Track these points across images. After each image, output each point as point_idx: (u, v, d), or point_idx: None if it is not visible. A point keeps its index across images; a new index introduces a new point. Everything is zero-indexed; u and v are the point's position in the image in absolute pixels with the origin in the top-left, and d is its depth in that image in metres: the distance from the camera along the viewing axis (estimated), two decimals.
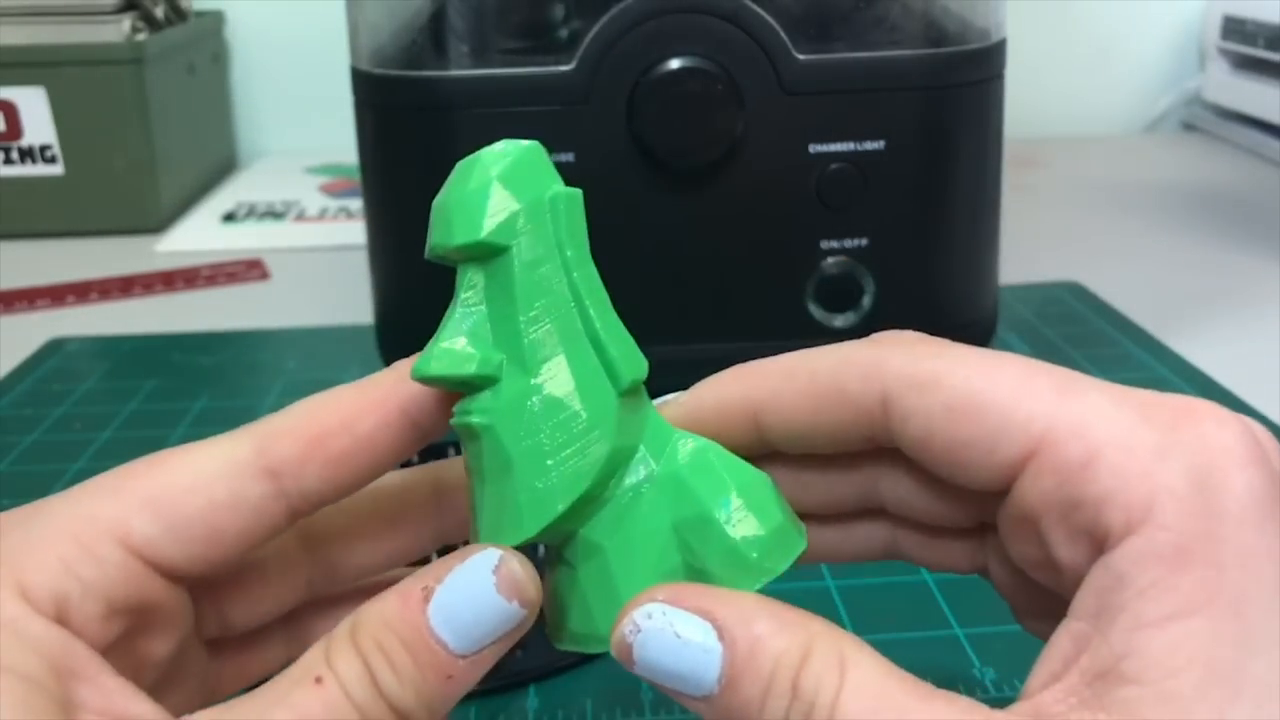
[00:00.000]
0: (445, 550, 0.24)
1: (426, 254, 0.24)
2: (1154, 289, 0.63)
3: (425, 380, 0.23)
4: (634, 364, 0.23)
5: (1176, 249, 0.70)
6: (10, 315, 0.65)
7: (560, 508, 0.22)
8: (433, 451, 0.46)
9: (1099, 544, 0.20)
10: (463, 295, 0.23)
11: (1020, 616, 0.25)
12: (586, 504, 0.23)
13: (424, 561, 0.23)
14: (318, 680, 0.20)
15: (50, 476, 0.46)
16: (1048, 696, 0.20)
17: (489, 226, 0.23)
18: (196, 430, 0.49)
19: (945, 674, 0.33)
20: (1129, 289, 0.62)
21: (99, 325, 0.63)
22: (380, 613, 0.21)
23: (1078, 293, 0.62)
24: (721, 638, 0.20)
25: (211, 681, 0.26)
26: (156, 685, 0.23)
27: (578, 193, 0.24)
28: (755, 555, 0.23)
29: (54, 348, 0.60)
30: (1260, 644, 0.18)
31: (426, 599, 0.21)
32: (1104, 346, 0.55)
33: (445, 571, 0.21)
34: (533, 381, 0.23)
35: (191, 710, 0.23)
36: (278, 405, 0.53)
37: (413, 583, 0.21)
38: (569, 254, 0.23)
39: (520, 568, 0.21)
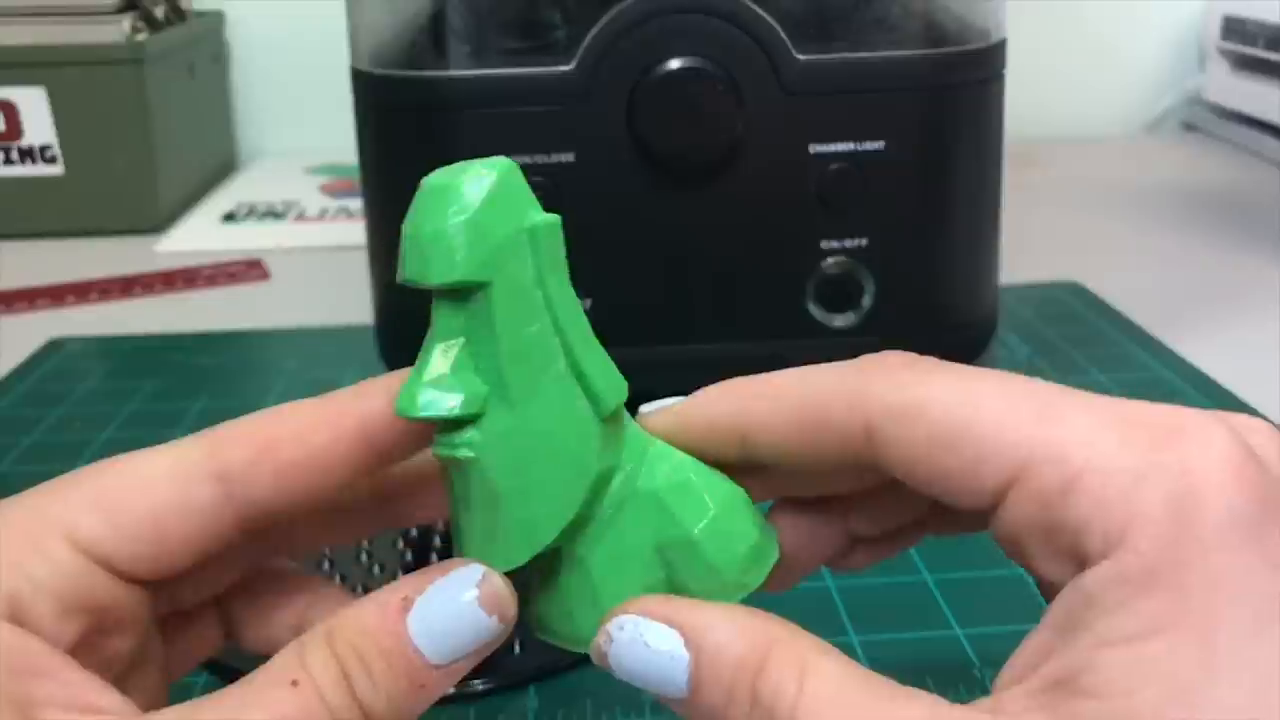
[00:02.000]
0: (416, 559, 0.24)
1: (399, 280, 0.23)
2: (1154, 289, 0.63)
3: (410, 419, 0.23)
4: (615, 389, 0.23)
5: (1176, 249, 0.70)
6: (10, 315, 0.65)
7: (549, 537, 0.23)
8: None
9: (1080, 564, 0.20)
10: (440, 327, 0.23)
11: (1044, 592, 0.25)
12: (572, 527, 0.23)
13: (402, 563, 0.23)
14: (294, 683, 0.21)
15: (50, 477, 0.46)
16: (1007, 696, 0.20)
17: (469, 264, 0.22)
18: (196, 430, 0.49)
19: (945, 674, 0.33)
20: (1129, 289, 0.62)
21: (99, 325, 0.63)
22: (358, 620, 0.21)
23: (1078, 293, 0.62)
24: (688, 645, 0.22)
25: (165, 663, 0.26)
26: (121, 676, 0.24)
27: (556, 220, 0.23)
28: (734, 574, 0.24)
29: (54, 348, 0.60)
30: (1224, 668, 0.18)
31: (406, 609, 0.21)
32: (1104, 346, 0.55)
33: (426, 583, 0.22)
34: (517, 414, 0.22)
35: (157, 696, 0.23)
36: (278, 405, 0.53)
37: (391, 593, 0.22)
38: (549, 285, 0.23)
39: (502, 584, 0.22)
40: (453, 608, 0.22)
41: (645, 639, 0.22)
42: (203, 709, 0.21)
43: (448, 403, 0.22)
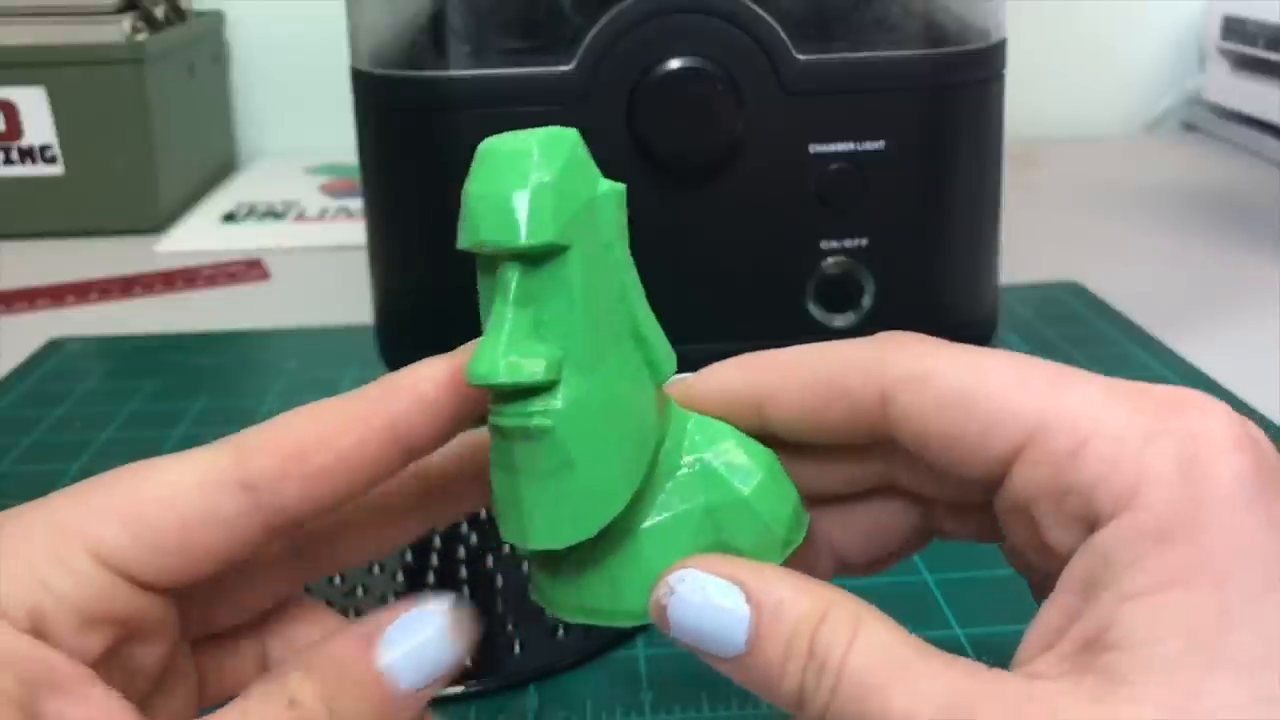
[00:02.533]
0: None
1: (464, 245, 0.23)
2: (1154, 289, 0.63)
3: (488, 385, 0.22)
4: (670, 358, 0.24)
5: (1176, 249, 0.70)
6: (10, 315, 0.65)
7: (620, 506, 0.23)
8: None
9: (1090, 528, 0.21)
10: (511, 293, 0.22)
11: (1036, 593, 0.25)
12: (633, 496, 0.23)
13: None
14: (291, 702, 0.21)
15: (50, 476, 0.46)
16: (1040, 664, 0.21)
17: (556, 227, 0.22)
18: (196, 430, 0.49)
19: None
20: (1129, 289, 0.62)
21: (99, 325, 0.63)
22: (334, 653, 0.22)
23: (1078, 293, 0.62)
24: (749, 601, 0.22)
25: (198, 684, 0.25)
26: (149, 696, 0.23)
27: (623, 188, 0.24)
28: (783, 531, 0.24)
29: (54, 348, 0.60)
30: (1240, 617, 0.19)
31: (374, 639, 0.22)
32: (1104, 346, 0.55)
33: (396, 615, 0.22)
34: (591, 380, 0.22)
35: (187, 717, 0.23)
36: (278, 405, 0.53)
37: (364, 625, 0.22)
38: (618, 250, 0.23)
39: (466, 611, 0.23)
40: (422, 636, 0.22)
41: (708, 592, 0.22)
42: None
43: (532, 368, 0.22)
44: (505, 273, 0.22)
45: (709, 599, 0.22)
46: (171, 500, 0.22)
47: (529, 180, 0.22)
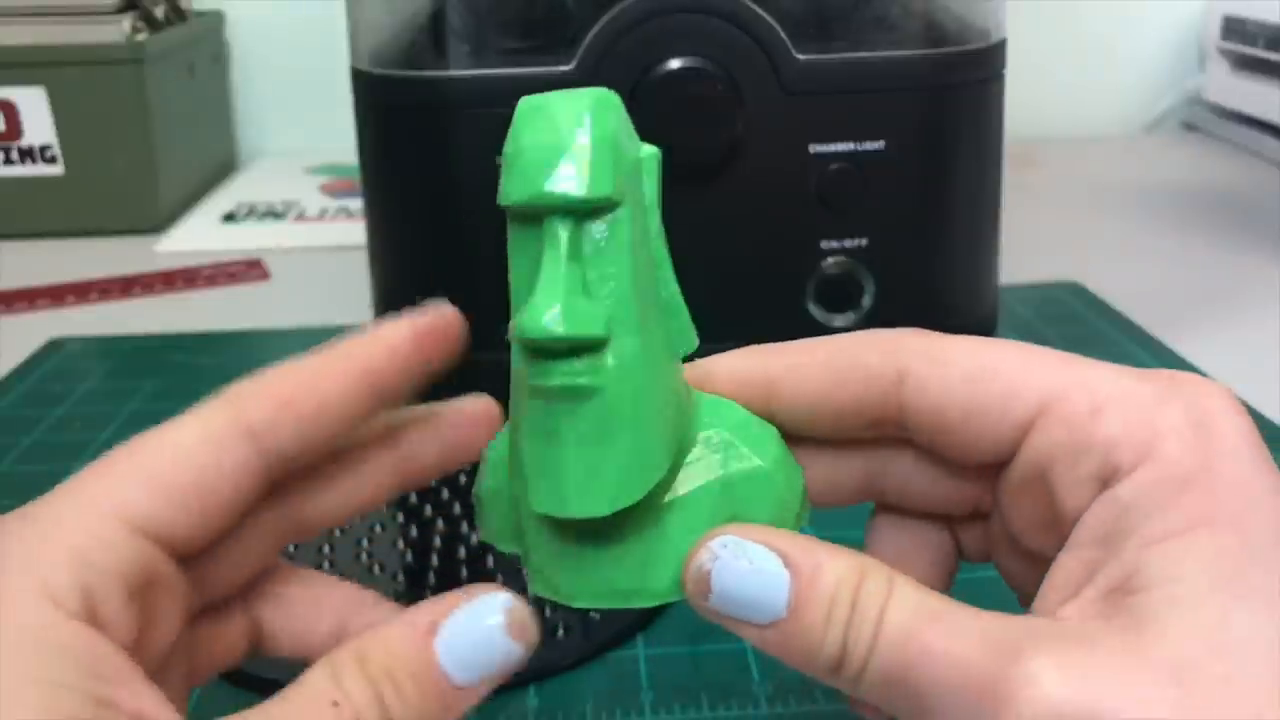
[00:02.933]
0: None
1: (515, 200, 0.21)
2: (1154, 289, 0.63)
3: (543, 340, 0.21)
4: (693, 332, 0.25)
5: (1176, 249, 0.70)
6: (10, 315, 0.65)
7: (662, 472, 0.23)
8: None
9: (1105, 485, 0.22)
10: (564, 248, 0.21)
11: (1024, 603, 0.26)
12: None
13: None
14: (335, 704, 0.21)
15: (50, 476, 0.46)
16: (1065, 611, 0.21)
17: (614, 182, 0.21)
18: None
19: None
20: (1129, 289, 0.62)
21: (99, 325, 0.63)
22: (388, 643, 0.22)
23: (1078, 293, 0.63)
24: (787, 565, 0.22)
25: (189, 662, 0.26)
26: (156, 674, 0.23)
27: (660, 152, 0.24)
28: (796, 505, 0.25)
29: (54, 348, 0.60)
30: (1260, 557, 0.20)
31: (433, 633, 0.22)
32: (1104, 346, 0.55)
33: (452, 607, 0.22)
34: (638, 341, 0.22)
35: (178, 702, 0.23)
36: None
37: (420, 615, 0.22)
38: (653, 217, 0.23)
39: (526, 611, 0.23)
40: (480, 634, 0.22)
41: (749, 557, 0.22)
42: None
43: (591, 322, 0.21)
44: (554, 228, 0.21)
45: (753, 563, 0.22)
46: (184, 457, 0.23)
47: (590, 133, 0.21)
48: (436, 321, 0.26)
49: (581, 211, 0.21)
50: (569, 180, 0.21)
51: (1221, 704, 0.19)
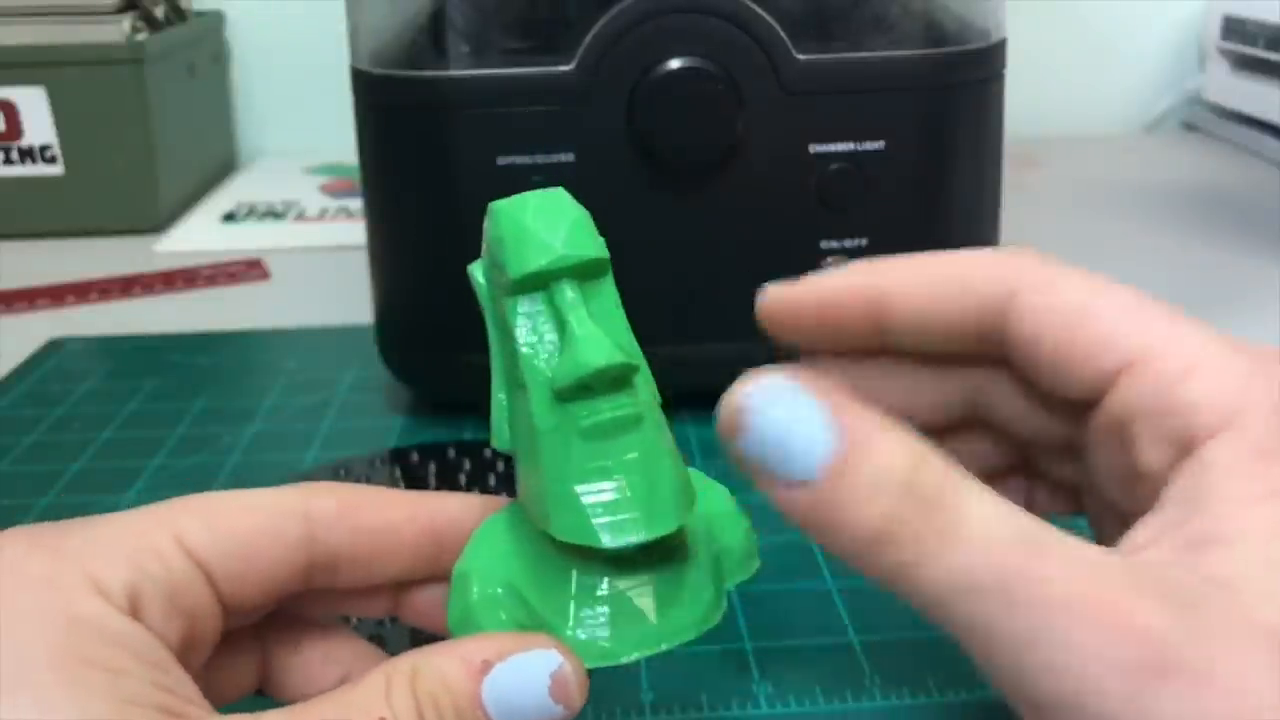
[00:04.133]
0: None
1: (534, 268, 0.24)
2: (1154, 289, 0.62)
3: (607, 368, 0.23)
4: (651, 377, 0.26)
5: (1176, 249, 0.70)
6: (10, 315, 0.65)
7: (696, 493, 0.24)
8: (433, 452, 0.46)
9: (1184, 449, 0.22)
10: (581, 303, 0.24)
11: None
12: None
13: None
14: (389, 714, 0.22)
15: (50, 476, 0.46)
16: (1148, 556, 0.21)
17: (601, 246, 0.24)
18: (196, 430, 0.49)
19: (947, 675, 0.33)
20: None
21: (99, 325, 0.63)
22: (441, 671, 0.22)
23: None
24: (838, 424, 0.21)
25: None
26: None
27: None
28: (752, 540, 0.27)
29: (54, 348, 0.60)
30: None
31: (484, 672, 0.22)
32: None
33: (507, 652, 0.23)
34: (646, 378, 0.24)
35: None
36: (278, 405, 0.53)
37: (476, 651, 0.23)
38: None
39: (575, 675, 0.23)
40: (526, 686, 0.22)
41: (797, 399, 0.21)
42: None
43: (631, 354, 0.23)
44: (562, 290, 0.24)
45: (795, 411, 0.21)
46: (246, 513, 0.24)
47: (576, 208, 0.24)
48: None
49: (585, 270, 0.24)
50: (583, 244, 0.24)
51: None
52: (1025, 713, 0.21)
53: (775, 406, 0.21)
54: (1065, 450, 0.26)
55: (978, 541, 0.20)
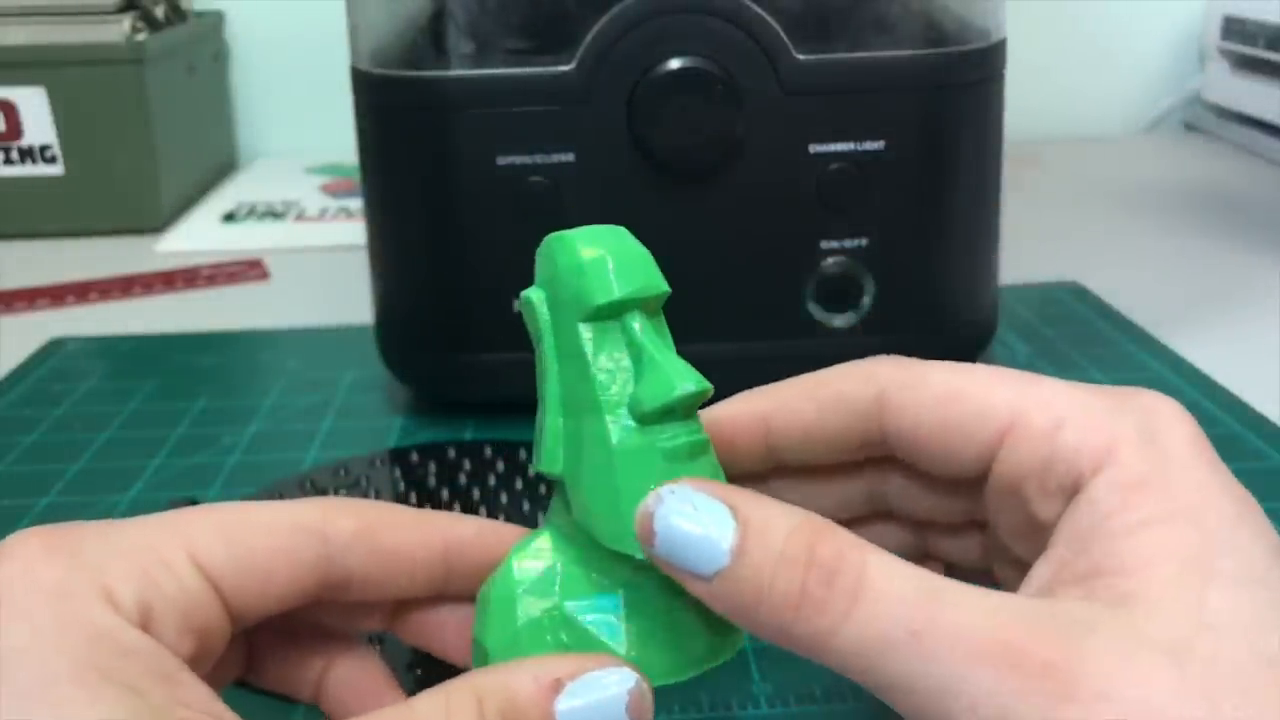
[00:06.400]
0: None
1: (615, 296, 0.25)
2: (1154, 289, 0.63)
3: (696, 395, 0.24)
4: None
5: (1176, 249, 0.70)
6: (10, 315, 0.65)
7: None
8: (433, 452, 0.46)
9: (1071, 496, 0.23)
10: (651, 334, 0.25)
11: None
12: None
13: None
14: None
15: (50, 476, 0.46)
16: (1044, 592, 0.22)
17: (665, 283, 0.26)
18: (196, 430, 0.49)
19: None
20: (1129, 289, 0.62)
21: (99, 325, 0.63)
22: (510, 688, 0.22)
23: (1078, 293, 0.62)
24: (735, 515, 0.22)
25: None
26: None
27: None
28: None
29: (54, 348, 0.60)
30: (1223, 548, 0.21)
31: (557, 690, 0.22)
32: (1104, 346, 0.55)
33: (580, 670, 0.22)
34: None
35: None
36: (278, 405, 0.53)
37: (547, 670, 0.22)
38: None
39: (650, 694, 0.23)
40: (601, 705, 0.22)
41: (693, 503, 0.22)
42: None
43: (707, 383, 0.24)
44: (630, 322, 0.25)
45: (697, 509, 0.22)
46: (265, 530, 0.24)
47: (638, 243, 0.26)
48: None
49: (653, 306, 0.25)
50: (657, 279, 0.25)
51: (1212, 683, 0.19)
52: None
53: (676, 510, 0.22)
54: (969, 526, 0.27)
55: (883, 599, 0.21)
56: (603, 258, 0.25)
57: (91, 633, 0.21)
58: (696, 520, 0.22)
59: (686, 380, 0.24)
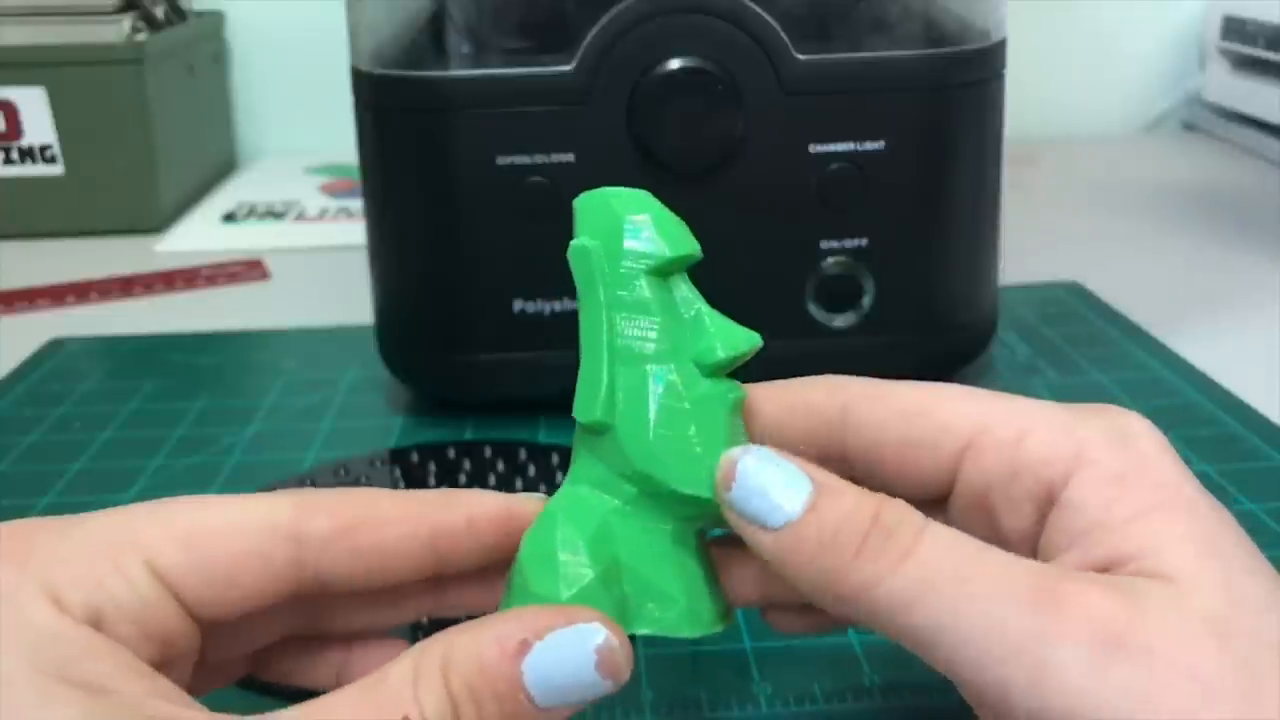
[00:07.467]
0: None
1: (679, 252, 0.27)
2: (1154, 289, 0.63)
3: (752, 351, 0.26)
4: None
5: (1176, 249, 0.70)
6: (10, 315, 0.65)
7: None
8: (433, 452, 0.46)
9: (1043, 503, 0.23)
10: (678, 298, 0.27)
11: None
12: None
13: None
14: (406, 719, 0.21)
15: (50, 476, 0.46)
16: None
17: None
18: (196, 430, 0.49)
19: (944, 676, 0.33)
20: (1129, 289, 0.62)
21: (99, 325, 0.63)
22: (475, 657, 0.21)
23: (1078, 293, 0.62)
24: (812, 479, 0.23)
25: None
26: None
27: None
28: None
29: (54, 348, 0.60)
30: (1226, 535, 0.22)
31: (523, 652, 0.21)
32: (1104, 346, 0.55)
33: (544, 629, 0.22)
34: None
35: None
36: (277, 405, 0.53)
37: (511, 631, 0.22)
38: None
39: (622, 646, 0.22)
40: (570, 663, 0.22)
41: (777, 462, 0.23)
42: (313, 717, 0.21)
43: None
44: (679, 282, 0.27)
45: (779, 467, 0.23)
46: (230, 533, 0.23)
47: (664, 210, 0.27)
48: (527, 511, 0.26)
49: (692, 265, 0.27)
50: (686, 242, 0.27)
51: (1254, 659, 0.20)
52: (987, 708, 0.22)
53: (762, 460, 0.24)
54: None
55: (935, 549, 0.22)
56: (667, 214, 0.26)
57: (42, 634, 0.20)
58: (780, 471, 0.23)
59: (752, 334, 0.26)
